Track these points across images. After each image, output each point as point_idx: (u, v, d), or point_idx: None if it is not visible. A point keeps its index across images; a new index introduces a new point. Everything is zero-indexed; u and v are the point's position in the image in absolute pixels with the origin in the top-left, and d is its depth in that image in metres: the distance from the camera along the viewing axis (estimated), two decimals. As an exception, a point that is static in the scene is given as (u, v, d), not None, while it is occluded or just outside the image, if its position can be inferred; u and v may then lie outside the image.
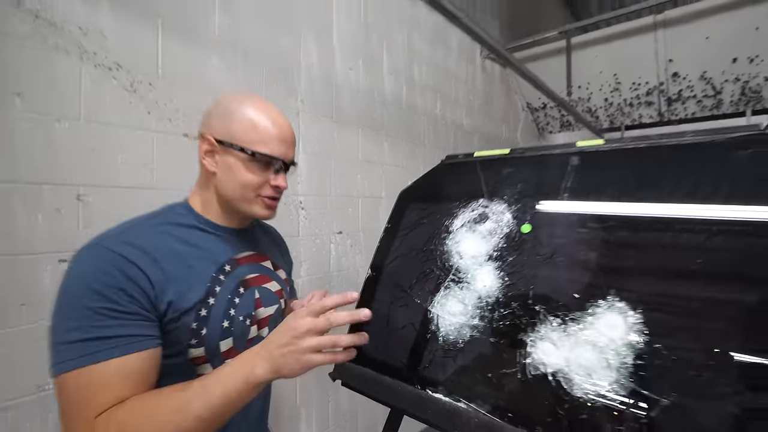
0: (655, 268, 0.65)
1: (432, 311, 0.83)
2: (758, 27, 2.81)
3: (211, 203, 0.78)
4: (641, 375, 0.60)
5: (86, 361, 0.56)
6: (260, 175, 0.74)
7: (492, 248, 0.81)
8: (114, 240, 0.64)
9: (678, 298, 0.62)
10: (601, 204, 0.73)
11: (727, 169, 0.63)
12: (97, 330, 0.57)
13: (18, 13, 1.04)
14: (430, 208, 0.96)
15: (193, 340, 0.68)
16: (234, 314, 0.75)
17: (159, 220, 0.73)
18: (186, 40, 1.39)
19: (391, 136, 2.39)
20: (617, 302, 0.65)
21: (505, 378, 0.70)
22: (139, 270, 0.62)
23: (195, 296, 0.69)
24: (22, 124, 1.04)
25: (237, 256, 0.79)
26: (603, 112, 3.94)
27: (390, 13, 2.38)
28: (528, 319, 0.71)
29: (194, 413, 0.56)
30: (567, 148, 0.81)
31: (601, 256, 0.69)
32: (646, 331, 0.61)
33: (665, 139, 0.71)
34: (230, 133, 0.73)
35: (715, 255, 0.62)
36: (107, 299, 0.58)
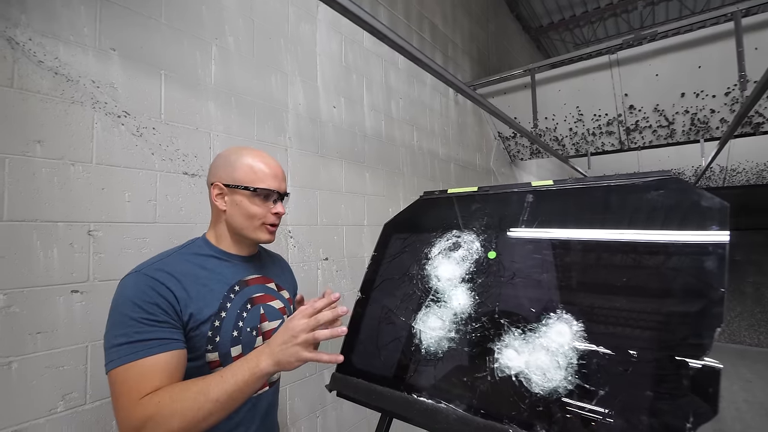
0: (592, 284, 0.81)
1: (415, 327, 0.97)
2: (700, 66, 3.17)
3: (223, 236, 0.98)
4: (584, 372, 0.74)
5: (131, 358, 0.74)
6: (262, 207, 0.95)
7: (464, 272, 0.96)
8: (149, 268, 0.84)
9: (610, 309, 0.77)
10: (550, 233, 0.89)
11: (646, 203, 0.81)
12: (138, 335, 0.76)
13: (39, 71, 1.16)
14: (410, 238, 1.11)
15: (209, 345, 0.86)
16: (242, 326, 0.92)
17: (184, 251, 0.93)
18: (185, 88, 1.53)
19: (372, 167, 2.56)
20: (564, 314, 0.80)
21: (477, 381, 0.84)
22: (168, 289, 0.81)
23: (210, 310, 0.87)
24: (42, 168, 1.14)
25: (246, 278, 0.98)
26: (569, 140, 4.25)
27: (368, 55, 2.60)
28: (495, 330, 0.86)
29: (212, 396, 0.72)
30: (524, 187, 0.98)
31: (551, 276, 0.84)
32: (586, 336, 0.77)
33: (600, 181, 0.89)
34: (234, 177, 0.94)
35: (637, 272, 0.78)
36: (145, 311, 0.77)
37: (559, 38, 6.77)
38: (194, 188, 1.53)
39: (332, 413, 2.13)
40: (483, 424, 0.78)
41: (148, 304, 0.78)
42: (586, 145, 4.26)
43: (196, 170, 1.54)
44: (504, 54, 5.10)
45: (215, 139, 1.62)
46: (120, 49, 1.34)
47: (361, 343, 1.03)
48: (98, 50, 1.29)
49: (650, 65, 3.41)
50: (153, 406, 0.71)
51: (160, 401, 0.71)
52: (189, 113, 1.54)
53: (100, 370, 1.21)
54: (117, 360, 0.74)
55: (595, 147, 4.25)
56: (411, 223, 1.16)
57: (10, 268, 1.08)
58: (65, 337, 1.16)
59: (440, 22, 3.57)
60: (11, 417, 1.05)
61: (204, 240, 0.98)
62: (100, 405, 1.21)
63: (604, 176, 0.91)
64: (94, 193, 1.25)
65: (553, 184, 0.96)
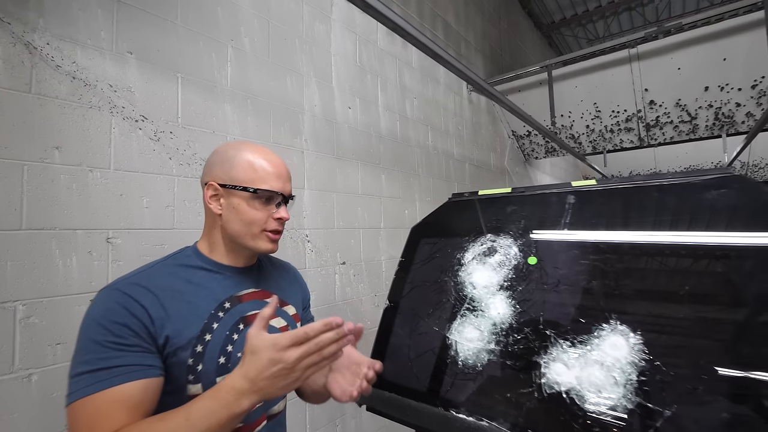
0: (649, 292, 0.75)
1: (450, 338, 0.91)
2: (725, 58, 3.06)
3: (217, 244, 0.83)
4: (646, 390, 0.68)
5: (91, 390, 0.61)
6: (263, 211, 0.80)
7: (502, 279, 0.90)
8: (124, 281, 0.72)
9: (672, 319, 0.71)
10: (598, 236, 0.83)
11: (707, 204, 0.74)
12: (102, 361, 0.63)
13: (57, 76, 1.13)
14: (440, 242, 1.05)
15: (190, 376, 0.71)
16: (231, 350, 0.76)
17: (168, 262, 0.80)
18: (202, 91, 1.50)
19: (387, 168, 2.51)
20: (619, 325, 0.74)
21: (522, 397, 0.78)
22: (141, 307, 0.68)
23: (191, 333, 0.72)
24: (61, 175, 1.11)
25: (239, 293, 0.82)
26: (585, 138, 4.15)
27: (382, 54, 2.55)
28: (540, 342, 0.80)
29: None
30: (564, 188, 0.92)
31: (602, 284, 0.78)
32: (646, 350, 0.70)
33: (650, 180, 0.82)
34: (231, 176, 0.79)
35: (701, 278, 0.72)
36: (111, 333, 0.64)
37: (572, 34, 6.65)
38: (212, 193, 1.50)
39: (351, 422, 2.08)
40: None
41: (116, 325, 0.65)
42: (603, 142, 4.15)
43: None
44: (516, 51, 5.02)
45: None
46: (137, 52, 1.31)
47: (391, 354, 0.98)
48: (115, 54, 1.26)
49: (672, 59, 3.30)
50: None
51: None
52: (206, 116, 1.50)
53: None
54: (76, 392, 0.61)
55: (613, 144, 4.14)
56: (440, 227, 1.10)
57: (29, 278, 1.05)
58: (85, 348, 1.13)
59: (453, 20, 3.51)
60: (32, 430, 1.02)
61: (194, 249, 0.84)
62: None
63: (653, 174, 0.84)
64: (113, 200, 1.22)
65: (597, 183, 0.90)
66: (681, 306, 0.71)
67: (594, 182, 0.90)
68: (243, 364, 0.60)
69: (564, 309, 0.80)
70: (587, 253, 0.83)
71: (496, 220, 0.98)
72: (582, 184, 0.91)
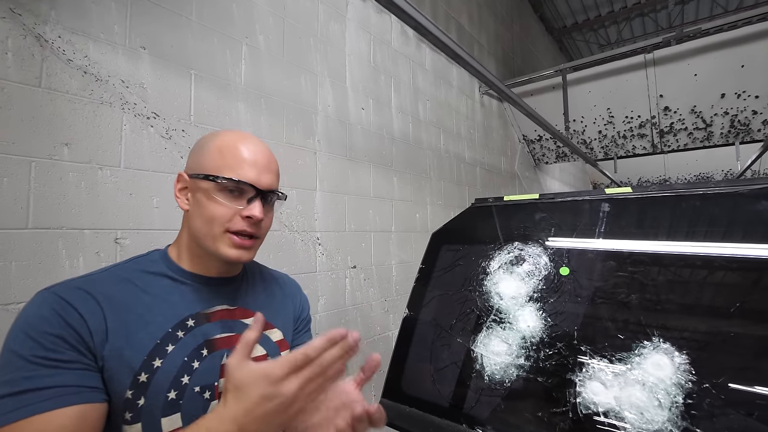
0: (695, 308, 0.69)
1: (475, 351, 0.86)
2: (743, 65, 3.00)
3: (183, 248, 0.68)
4: (693, 414, 0.63)
5: (10, 417, 0.47)
6: (228, 207, 0.63)
7: (532, 289, 0.85)
8: (65, 285, 0.58)
9: (722, 337, 0.66)
10: (636, 246, 0.78)
11: (757, 215, 0.69)
12: (29, 381, 0.49)
13: (68, 70, 1.10)
14: (464, 249, 1.00)
15: (127, 413, 0.55)
16: (187, 383, 0.60)
17: (127, 266, 0.65)
18: (215, 88, 1.46)
19: (399, 171, 2.47)
20: (662, 343, 0.69)
21: (555, 417, 0.73)
22: (79, 316, 0.54)
23: (135, 355, 0.57)
24: (69, 172, 1.08)
25: (208, 310, 0.67)
26: (597, 143, 4.09)
27: (396, 56, 2.51)
28: (574, 359, 0.75)
29: None
30: (597, 195, 0.87)
31: (642, 298, 0.73)
32: (693, 371, 0.65)
33: (691, 189, 0.77)
34: (198, 164, 0.66)
35: (753, 293, 0.67)
36: (42, 347, 0.51)
37: (583, 39, 6.60)
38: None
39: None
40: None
41: (48, 337, 0.51)
42: (615, 148, 4.09)
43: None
44: (528, 55, 4.97)
45: (245, 142, 1.55)
46: (150, 47, 1.28)
47: (411, 367, 0.93)
48: (128, 49, 1.22)
49: (689, 65, 3.24)
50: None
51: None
52: (219, 115, 1.47)
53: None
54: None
55: (626, 150, 4.08)
56: (463, 233, 1.05)
57: (34, 279, 1.01)
58: (91, 352, 1.09)
59: (466, 22, 3.47)
60: None
61: (161, 253, 0.69)
62: (126, 425, 1.14)
63: (696, 182, 0.79)
64: (122, 199, 1.19)
65: (633, 191, 0.85)
66: (732, 323, 0.66)
67: (630, 189, 0.85)
68: (226, 403, 0.47)
69: (600, 324, 0.75)
70: (625, 265, 0.78)
71: (523, 227, 0.93)
72: (617, 192, 0.86)
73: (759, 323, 0.65)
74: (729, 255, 0.70)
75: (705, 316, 0.69)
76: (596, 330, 0.75)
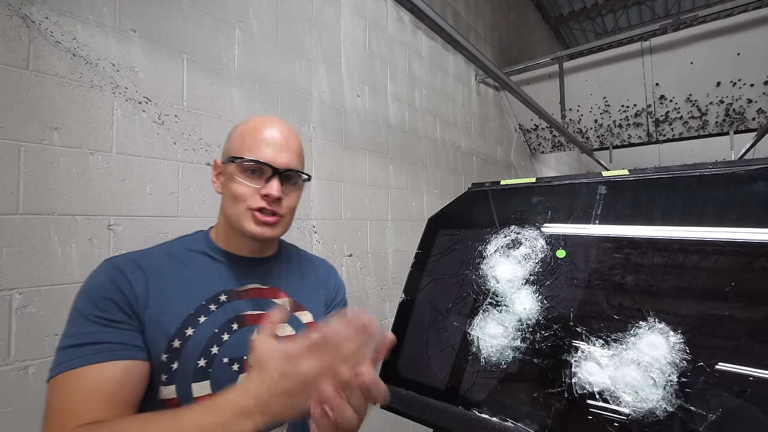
0: (691, 289, 0.70)
1: (472, 334, 0.86)
2: (739, 53, 3.00)
3: (220, 228, 0.75)
4: (688, 392, 0.63)
5: (71, 365, 0.55)
6: (247, 186, 0.68)
7: (528, 272, 0.85)
8: (122, 257, 0.66)
9: (717, 318, 0.66)
10: (633, 228, 0.78)
11: (753, 196, 0.69)
12: (86, 336, 0.57)
13: (56, 52, 1.07)
14: (460, 234, 1.00)
15: (163, 375, 0.61)
16: (216, 353, 0.65)
17: (174, 244, 0.73)
18: (208, 73, 1.44)
19: (395, 159, 2.45)
20: (657, 323, 0.69)
21: (551, 397, 0.73)
22: (128, 283, 0.62)
23: (171, 323, 0.63)
24: (60, 157, 1.06)
25: (241, 288, 0.72)
26: (593, 133, 4.09)
27: (392, 43, 2.48)
28: (570, 340, 0.75)
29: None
30: (594, 178, 0.87)
31: (638, 279, 0.73)
32: (688, 350, 0.65)
33: (688, 171, 0.77)
34: (227, 149, 0.73)
35: (746, 275, 0.67)
36: (97, 307, 0.59)
37: (579, 28, 6.55)
38: (217, 180, 1.44)
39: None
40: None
41: (103, 300, 0.59)
42: (611, 137, 4.09)
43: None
44: (524, 44, 4.94)
45: (239, 128, 1.53)
46: (141, 30, 1.25)
47: (407, 350, 0.93)
48: (118, 31, 1.20)
49: (685, 53, 3.23)
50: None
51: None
52: (212, 100, 1.44)
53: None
54: (56, 367, 0.56)
55: (621, 139, 4.08)
56: (459, 218, 1.05)
57: (26, 265, 1.00)
58: (85, 339, 1.08)
59: (463, 10, 3.43)
60: (29, 424, 0.97)
61: (204, 233, 0.76)
62: None
63: (693, 165, 0.79)
64: (115, 185, 1.17)
65: (630, 174, 0.85)
66: (727, 304, 0.66)
67: (626, 172, 0.85)
68: (250, 379, 0.49)
69: (596, 305, 0.76)
70: (622, 247, 0.78)
71: (520, 211, 0.93)
72: (614, 174, 0.86)
73: (751, 305, 0.65)
74: (723, 239, 0.70)
75: (700, 298, 0.69)
76: (592, 311, 0.75)
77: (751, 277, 0.66)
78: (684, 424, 0.62)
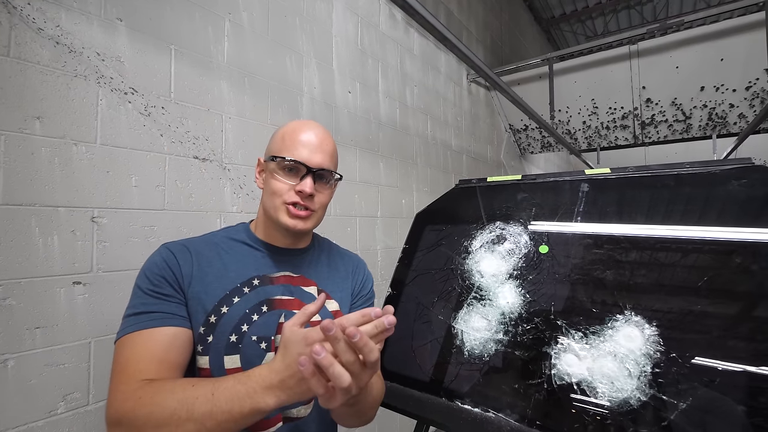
0: (666, 284, 0.72)
1: (456, 327, 0.87)
2: (723, 58, 3.06)
3: (260, 221, 0.84)
4: (660, 382, 0.65)
5: (131, 329, 0.66)
6: (284, 182, 0.76)
7: (512, 267, 0.86)
8: (175, 242, 0.77)
9: (690, 312, 0.68)
10: (613, 225, 0.80)
11: (727, 195, 0.71)
12: (143, 306, 0.68)
13: (39, 40, 1.05)
14: (447, 229, 1.01)
15: (200, 346, 0.71)
16: (246, 331, 0.73)
17: (218, 233, 0.83)
18: (197, 65, 1.43)
19: (385, 156, 2.46)
20: (634, 316, 0.71)
21: (531, 388, 0.75)
22: (176, 262, 0.73)
23: (209, 300, 0.72)
24: (42, 147, 1.04)
25: (273, 274, 0.80)
26: (581, 134, 4.14)
27: (384, 40, 2.48)
28: (551, 333, 0.77)
29: (196, 414, 0.55)
30: (577, 176, 0.89)
31: (617, 274, 0.75)
32: (662, 341, 0.67)
33: (667, 170, 0.79)
34: (269, 150, 0.81)
35: (720, 270, 0.69)
36: (152, 283, 0.70)
37: (570, 30, 6.63)
38: (205, 174, 1.43)
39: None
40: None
41: (156, 276, 0.70)
42: (599, 138, 4.15)
43: (207, 154, 1.44)
44: (516, 44, 4.98)
45: (227, 122, 1.52)
46: (127, 19, 1.23)
47: (392, 344, 0.94)
48: (103, 20, 1.18)
49: (671, 57, 3.29)
50: (132, 402, 0.58)
51: (142, 397, 0.58)
52: (200, 93, 1.43)
53: (103, 369, 1.12)
54: (121, 331, 0.67)
55: (608, 141, 4.15)
56: (446, 214, 1.06)
57: (6, 257, 0.98)
58: (66, 332, 1.06)
59: (455, 8, 3.44)
60: (7, 419, 0.96)
61: (244, 225, 0.86)
62: (105, 406, 1.12)
63: (671, 164, 0.81)
64: (99, 177, 1.15)
65: (611, 172, 0.87)
66: (699, 298, 0.69)
67: (608, 171, 0.87)
68: (276, 359, 0.56)
69: (576, 299, 0.77)
70: (602, 243, 0.80)
71: (506, 208, 0.94)
72: (596, 172, 0.87)
73: (723, 300, 0.68)
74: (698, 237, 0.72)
75: (674, 292, 0.71)
76: (572, 305, 0.77)
77: (723, 273, 0.68)
78: (656, 412, 0.64)
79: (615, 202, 0.83)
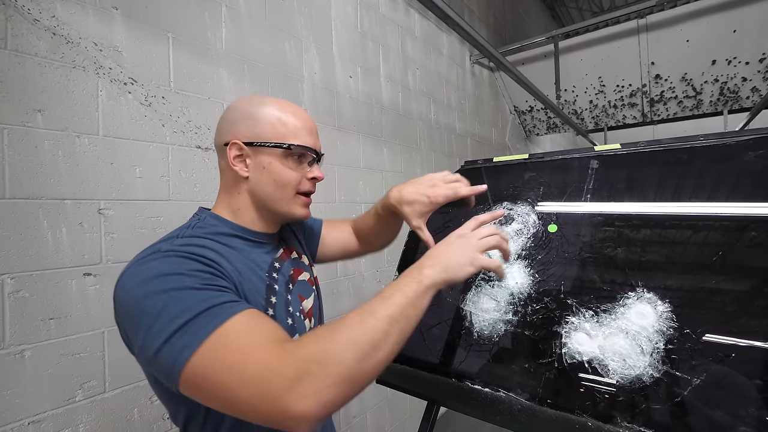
0: (679, 260, 0.70)
1: (465, 309, 0.87)
2: (735, 30, 2.97)
3: (244, 210, 0.73)
4: (674, 358, 0.65)
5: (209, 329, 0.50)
6: (297, 170, 0.71)
7: (520, 247, 0.85)
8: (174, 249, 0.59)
9: (704, 288, 0.67)
10: (624, 203, 0.78)
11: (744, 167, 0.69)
12: (206, 302, 0.52)
13: (35, 31, 1.04)
14: (453, 212, 1.00)
15: None
16: (292, 311, 0.74)
17: (199, 233, 0.67)
18: (195, 53, 1.41)
19: (389, 141, 2.44)
20: (646, 293, 0.70)
21: (541, 368, 0.74)
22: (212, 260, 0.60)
23: (259, 296, 0.67)
24: (45, 140, 1.04)
25: (277, 254, 0.78)
26: (588, 113, 4.07)
27: (384, 22, 2.43)
28: (561, 312, 0.76)
29: (381, 313, 0.54)
30: (586, 152, 0.87)
31: (627, 251, 0.74)
32: (675, 318, 0.66)
33: (680, 143, 0.77)
34: (258, 133, 0.69)
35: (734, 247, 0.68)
36: (200, 280, 0.55)
37: (576, 6, 6.46)
38: (208, 163, 1.43)
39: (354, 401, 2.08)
40: (555, 416, 0.69)
41: (200, 273, 0.56)
42: (606, 118, 4.07)
43: (209, 143, 1.43)
44: (520, 23, 4.86)
45: (229, 110, 1.50)
46: (123, 8, 1.21)
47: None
48: (99, 9, 1.16)
49: (681, 30, 3.19)
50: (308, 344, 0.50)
51: (318, 334, 0.52)
52: (200, 81, 1.42)
53: (118, 357, 1.14)
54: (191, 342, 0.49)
55: (616, 120, 4.07)
56: (452, 195, 1.04)
57: (17, 250, 0.99)
58: (80, 322, 1.08)
59: (456, -13, 3.36)
60: (28, 408, 0.98)
61: (216, 216, 0.72)
62: (121, 392, 1.14)
63: (684, 137, 0.79)
64: (103, 168, 1.15)
65: (622, 147, 0.84)
66: (713, 274, 0.67)
67: (618, 146, 0.85)
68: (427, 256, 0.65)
69: (587, 277, 0.76)
70: (612, 221, 0.78)
71: (513, 187, 0.93)
72: (606, 148, 0.85)
73: (737, 276, 0.66)
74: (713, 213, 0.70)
75: (687, 269, 0.70)
76: (582, 283, 0.76)
77: (738, 248, 0.66)
78: (669, 388, 0.64)
79: (626, 178, 0.81)
